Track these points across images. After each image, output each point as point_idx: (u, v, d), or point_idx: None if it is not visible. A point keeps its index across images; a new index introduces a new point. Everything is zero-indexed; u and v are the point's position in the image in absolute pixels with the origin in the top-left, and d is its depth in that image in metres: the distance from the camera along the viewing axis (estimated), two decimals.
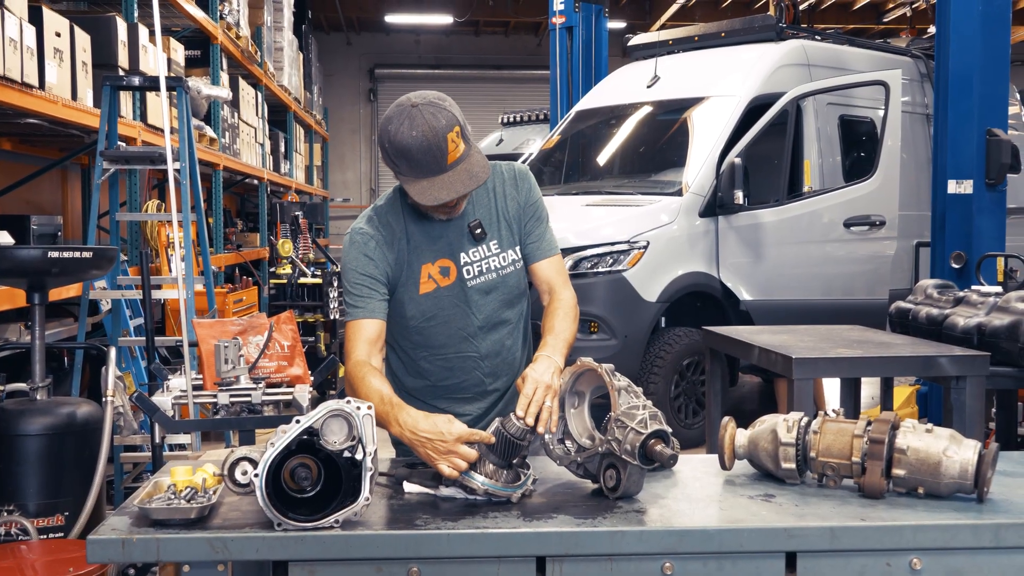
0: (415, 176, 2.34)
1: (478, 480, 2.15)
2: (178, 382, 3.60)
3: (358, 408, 2.02)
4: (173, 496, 2.09)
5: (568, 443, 2.31)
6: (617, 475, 2.17)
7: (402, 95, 2.38)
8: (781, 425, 2.30)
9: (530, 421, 2.21)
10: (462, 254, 2.55)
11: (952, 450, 2.14)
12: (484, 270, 2.56)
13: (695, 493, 2.25)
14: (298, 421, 2.01)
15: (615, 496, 2.17)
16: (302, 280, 7.97)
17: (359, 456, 2.00)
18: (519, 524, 2.03)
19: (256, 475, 1.96)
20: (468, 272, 2.55)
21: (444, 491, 2.22)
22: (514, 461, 2.20)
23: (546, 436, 2.30)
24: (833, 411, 2.34)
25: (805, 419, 2.31)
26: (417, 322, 2.57)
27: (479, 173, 2.37)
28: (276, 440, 1.99)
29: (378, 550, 1.99)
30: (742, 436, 2.38)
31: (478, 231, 2.53)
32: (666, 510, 2.12)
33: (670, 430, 2.18)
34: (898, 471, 2.17)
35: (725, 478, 2.36)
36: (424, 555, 1.99)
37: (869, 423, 2.24)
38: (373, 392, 2.33)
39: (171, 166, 3.56)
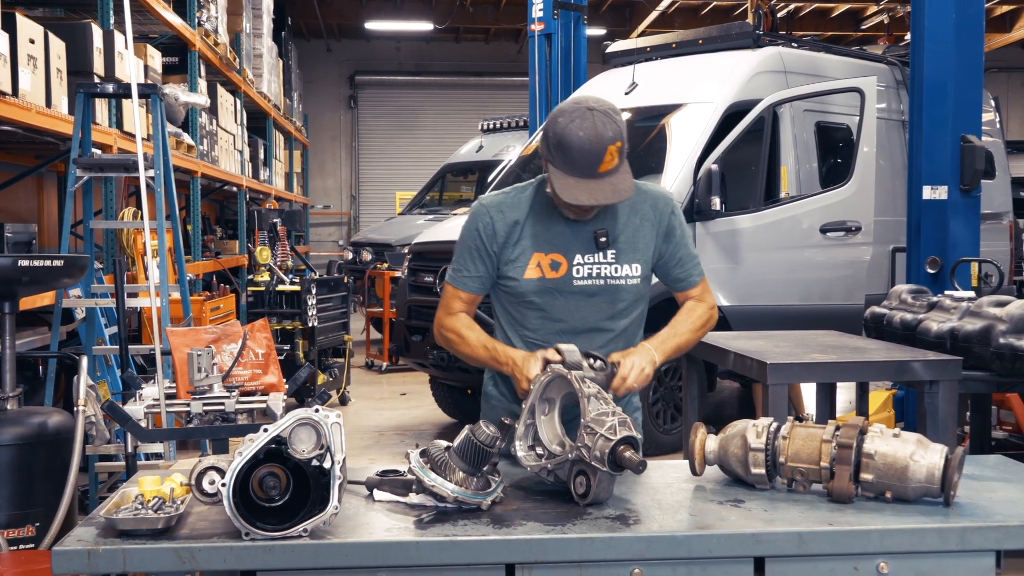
0: (565, 171, 2.48)
1: (448, 487, 2.14)
2: (151, 391, 3.57)
3: (326, 416, 2.02)
4: (140, 506, 2.07)
5: (538, 450, 2.31)
6: (587, 482, 2.17)
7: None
8: (751, 431, 2.31)
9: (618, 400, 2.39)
10: (577, 255, 2.64)
11: (919, 455, 2.16)
12: (593, 274, 2.65)
13: (665, 499, 2.26)
14: (266, 430, 2.00)
15: (585, 503, 2.17)
16: (280, 287, 7.93)
17: (327, 464, 1.99)
18: (488, 531, 2.03)
19: (224, 484, 1.95)
20: (578, 272, 2.64)
21: (414, 499, 2.21)
22: (484, 468, 2.20)
23: (516, 443, 2.30)
24: (801, 417, 2.35)
25: (775, 425, 2.32)
26: (516, 299, 2.68)
27: (623, 191, 2.50)
28: (244, 449, 1.99)
29: (347, 559, 1.98)
30: (712, 442, 2.38)
31: (602, 240, 2.62)
32: (636, 516, 2.12)
33: (640, 436, 2.18)
34: (866, 476, 2.18)
35: (696, 484, 2.37)
36: (393, 563, 1.99)
37: (837, 428, 2.25)
38: (474, 342, 2.65)
39: (143, 173, 3.54)
